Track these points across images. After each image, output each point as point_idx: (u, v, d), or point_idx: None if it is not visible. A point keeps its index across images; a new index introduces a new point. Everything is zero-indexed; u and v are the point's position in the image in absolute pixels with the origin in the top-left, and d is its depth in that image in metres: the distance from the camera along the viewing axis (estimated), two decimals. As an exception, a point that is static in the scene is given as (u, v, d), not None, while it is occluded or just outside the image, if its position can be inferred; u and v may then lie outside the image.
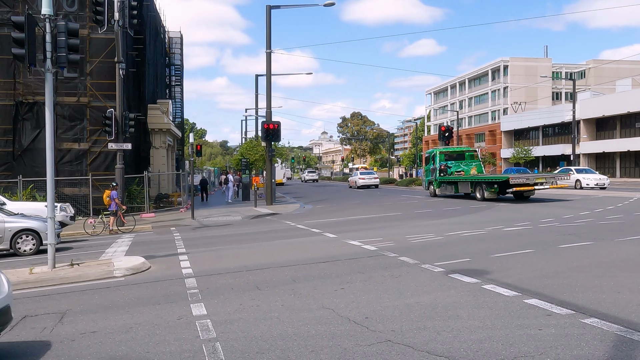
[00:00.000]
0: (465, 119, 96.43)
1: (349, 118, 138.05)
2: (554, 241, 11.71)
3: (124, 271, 10.11)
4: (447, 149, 33.71)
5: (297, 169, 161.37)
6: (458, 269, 8.93)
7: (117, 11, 18.34)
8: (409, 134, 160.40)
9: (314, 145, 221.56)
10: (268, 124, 28.96)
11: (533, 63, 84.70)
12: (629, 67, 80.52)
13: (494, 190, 25.89)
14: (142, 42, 30.08)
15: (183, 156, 49.07)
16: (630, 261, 9.19)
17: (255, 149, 38.90)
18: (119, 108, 21.23)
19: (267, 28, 29.39)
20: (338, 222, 19.28)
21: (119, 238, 17.52)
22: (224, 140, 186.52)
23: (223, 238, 16.09)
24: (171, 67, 47.92)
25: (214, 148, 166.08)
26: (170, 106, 40.13)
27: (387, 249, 11.54)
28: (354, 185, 52.04)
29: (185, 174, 31.62)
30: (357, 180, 51.30)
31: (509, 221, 16.37)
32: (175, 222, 21.87)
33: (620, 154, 59.94)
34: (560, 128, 68.95)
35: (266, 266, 10.16)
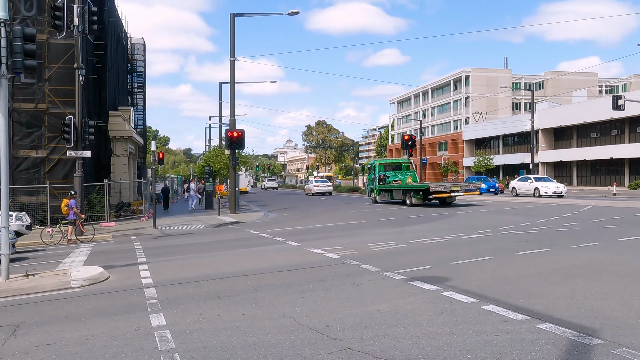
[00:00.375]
0: (428, 128, 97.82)
1: (314, 126, 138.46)
2: (512, 248, 11.96)
3: (81, 281, 9.88)
4: (386, 161, 37.76)
5: (261, 177, 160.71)
6: (419, 276, 9.03)
7: (77, 16, 17.99)
8: (373, 143, 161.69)
9: (279, 153, 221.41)
10: (232, 132, 28.80)
11: (493, 74, 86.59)
12: (585, 79, 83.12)
13: (420, 196, 29.58)
14: (103, 48, 29.57)
15: (145, 164, 48.32)
16: (584, 267, 9.45)
17: (219, 157, 38.67)
18: (79, 115, 20.80)
19: (231, 36, 29.30)
20: (302, 230, 19.27)
21: (77, 248, 17.12)
22: (187, 148, 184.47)
23: (185, 247, 15.89)
24: (133, 73, 47.18)
25: (178, 156, 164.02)
26: (132, 113, 39.52)
27: (350, 257, 11.58)
28: (309, 193, 56.98)
29: (147, 182, 31.14)
30: (312, 187, 56.63)
31: (469, 229, 16.65)
32: (136, 231, 21.50)
33: (577, 163, 61.67)
34: (519, 137, 70.56)
35: (228, 275, 10.08)
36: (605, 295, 7.26)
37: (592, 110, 56.96)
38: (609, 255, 10.71)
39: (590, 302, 6.94)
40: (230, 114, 30.03)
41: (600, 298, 7.12)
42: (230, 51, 29.47)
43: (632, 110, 46.57)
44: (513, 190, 42.07)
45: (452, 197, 29.70)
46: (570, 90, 75.84)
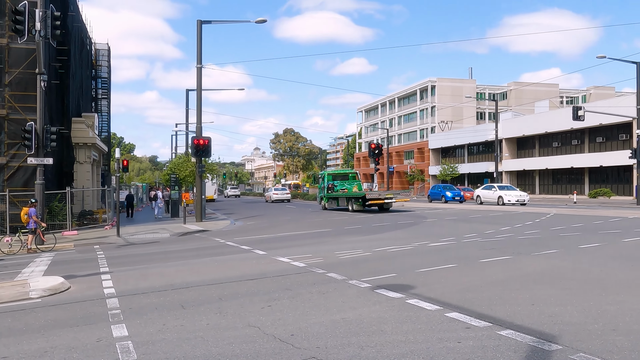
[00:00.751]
0: (395, 136, 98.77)
1: (281, 134, 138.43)
2: (476, 256, 12.15)
3: (41, 292, 9.63)
4: (334, 171, 41.76)
5: (229, 185, 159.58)
6: (384, 284, 9.09)
7: (39, 21, 17.61)
8: (341, 151, 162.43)
9: (247, 161, 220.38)
10: (198, 140, 28.57)
11: (459, 84, 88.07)
12: (547, 90, 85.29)
13: (360, 203, 32.69)
14: (66, 53, 28.99)
15: (109, 171, 47.50)
16: (544, 274, 9.66)
17: (185, 164, 38.25)
18: (40, 121, 20.34)
19: (198, 43, 29.13)
20: (268, 238, 19.20)
21: (37, 257, 16.69)
22: (153, 155, 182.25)
23: (149, 256, 15.65)
24: (97, 79, 46.43)
25: (143, 163, 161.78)
26: (96, 120, 38.82)
27: (316, 265, 11.59)
28: (269, 200, 60.99)
29: (111, 190, 30.60)
30: (272, 195, 60.91)
31: (435, 237, 16.84)
32: (100, 240, 21.09)
33: (539, 172, 63.09)
34: (484, 146, 71.84)
35: (193, 285, 9.96)
36: (565, 302, 7.43)
37: (553, 121, 58.43)
38: (568, 262, 10.98)
39: (550, 308, 7.10)
40: (197, 122, 29.79)
41: (560, 304, 7.29)
42: (197, 58, 29.30)
43: (591, 121, 47.99)
44: (478, 199, 42.77)
45: (388, 203, 32.87)
46: (533, 100, 77.69)
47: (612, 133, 53.45)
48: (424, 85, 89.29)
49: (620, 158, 47.64)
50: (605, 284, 8.67)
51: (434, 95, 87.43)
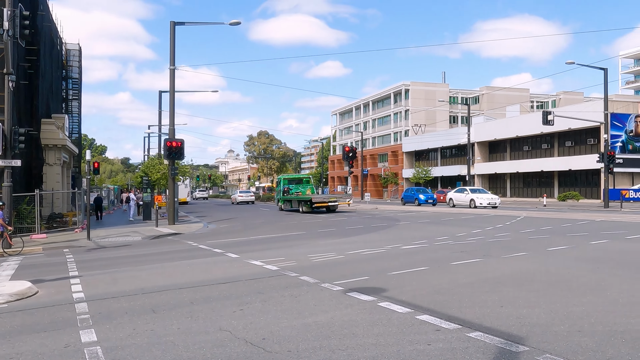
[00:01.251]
0: (369, 139, 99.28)
1: (255, 137, 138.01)
2: (447, 258, 12.29)
3: (7, 297, 9.43)
4: (290, 176, 45.90)
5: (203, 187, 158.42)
6: (356, 287, 9.14)
7: (7, 20, 17.29)
8: (315, 154, 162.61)
9: (220, 163, 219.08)
10: (171, 142, 28.31)
11: (432, 88, 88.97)
12: (518, 94, 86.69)
13: (308, 205, 36.27)
14: (35, 53, 28.46)
15: (80, 174, 46.74)
16: (513, 277, 9.82)
17: (157, 167, 37.89)
18: (8, 122, 19.95)
19: (172, 44, 28.90)
20: (241, 241, 19.12)
21: (4, 261, 16.33)
22: (125, 157, 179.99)
23: (120, 260, 15.45)
24: (68, 80, 45.70)
25: (115, 165, 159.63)
26: (66, 121, 38.18)
27: (289, 268, 11.59)
28: (234, 202, 66.19)
29: (81, 193, 30.11)
30: (237, 197, 66.54)
31: (407, 239, 16.98)
32: (69, 244, 20.74)
33: (510, 175, 64.08)
34: (457, 150, 72.69)
35: (164, 288, 9.88)
36: (532, 304, 7.57)
37: (524, 125, 59.42)
38: (536, 264, 11.18)
39: (518, 310, 7.22)
40: (170, 123, 29.51)
41: (527, 306, 7.42)
42: (170, 60, 29.05)
43: (560, 126, 48.93)
44: (450, 202, 43.25)
45: (333, 205, 37.09)
46: (504, 105, 78.93)
47: (581, 137, 54.60)
48: (398, 89, 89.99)
49: (589, 162, 48.70)
50: (572, 286, 8.86)
51: (407, 98, 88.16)
